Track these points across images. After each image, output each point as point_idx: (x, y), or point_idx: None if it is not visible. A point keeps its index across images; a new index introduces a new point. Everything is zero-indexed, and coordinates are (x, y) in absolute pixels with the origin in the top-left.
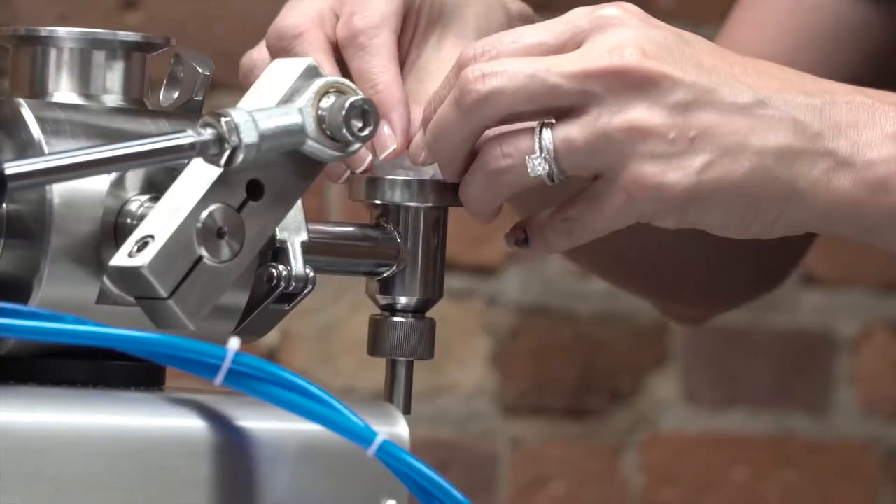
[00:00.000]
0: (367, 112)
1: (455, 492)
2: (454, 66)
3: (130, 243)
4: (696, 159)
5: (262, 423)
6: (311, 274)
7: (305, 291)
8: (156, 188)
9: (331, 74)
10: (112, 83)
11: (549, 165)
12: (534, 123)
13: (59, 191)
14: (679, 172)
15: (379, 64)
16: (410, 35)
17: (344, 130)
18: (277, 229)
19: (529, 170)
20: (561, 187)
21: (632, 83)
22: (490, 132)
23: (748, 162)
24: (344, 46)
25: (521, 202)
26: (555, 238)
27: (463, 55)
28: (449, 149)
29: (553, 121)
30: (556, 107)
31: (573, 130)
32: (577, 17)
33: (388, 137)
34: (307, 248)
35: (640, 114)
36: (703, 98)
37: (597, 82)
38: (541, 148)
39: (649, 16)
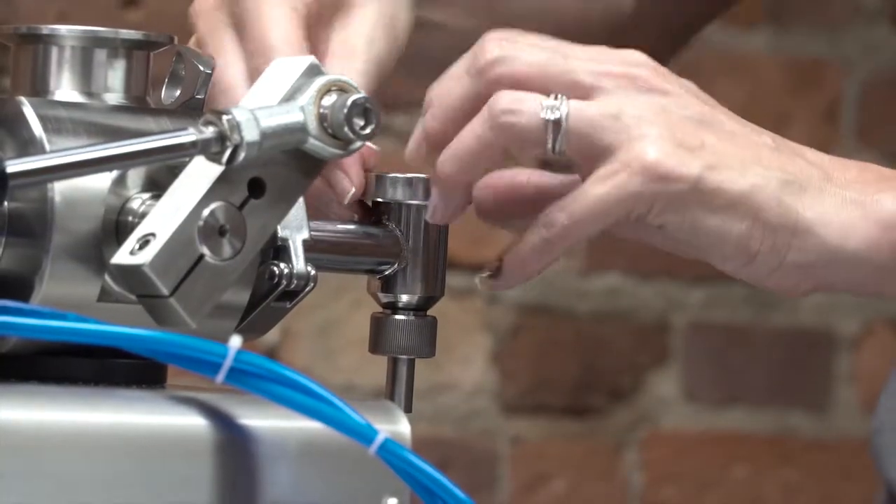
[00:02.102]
0: (369, 110)
1: (456, 490)
2: (469, 52)
3: (132, 241)
4: (701, 158)
5: (264, 420)
6: (313, 272)
7: (307, 289)
8: (157, 186)
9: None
10: (113, 81)
11: (561, 117)
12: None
13: (60, 189)
14: (685, 163)
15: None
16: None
17: (346, 129)
18: (279, 227)
19: (542, 112)
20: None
21: (649, 82)
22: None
23: (753, 178)
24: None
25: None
26: (533, 253)
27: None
28: (447, 105)
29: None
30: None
31: (586, 105)
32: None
33: (346, 182)
34: (309, 245)
35: (648, 109)
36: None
37: (611, 79)
38: (556, 102)
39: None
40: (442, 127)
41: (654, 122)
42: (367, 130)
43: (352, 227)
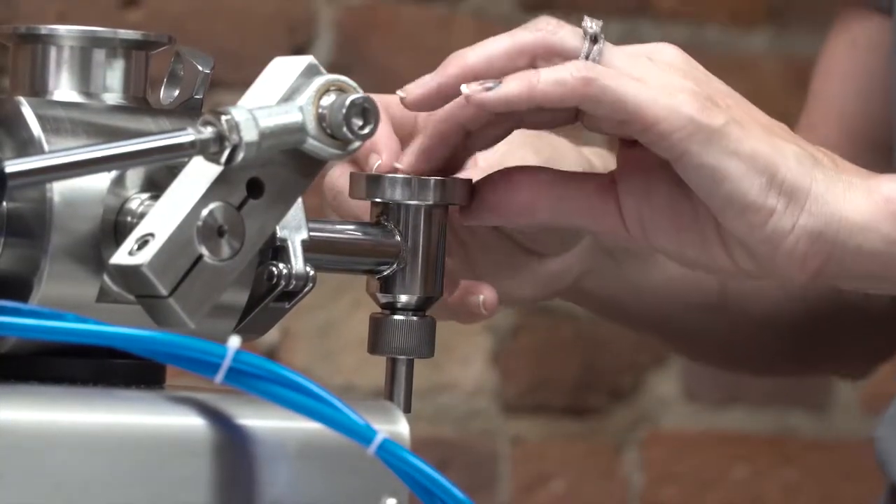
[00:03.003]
0: (368, 110)
1: (456, 490)
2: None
3: (131, 241)
4: (727, 113)
5: (263, 421)
6: (312, 272)
7: (306, 290)
8: (156, 186)
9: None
10: (112, 81)
11: (597, 27)
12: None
13: (59, 189)
14: (713, 115)
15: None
16: None
17: (344, 129)
18: (278, 227)
19: (585, 26)
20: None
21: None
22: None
23: (773, 141)
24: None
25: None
26: (550, 75)
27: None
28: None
29: None
30: None
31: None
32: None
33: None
34: (307, 246)
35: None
36: (738, 117)
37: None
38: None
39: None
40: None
41: (684, 82)
42: (366, 130)
43: (351, 227)
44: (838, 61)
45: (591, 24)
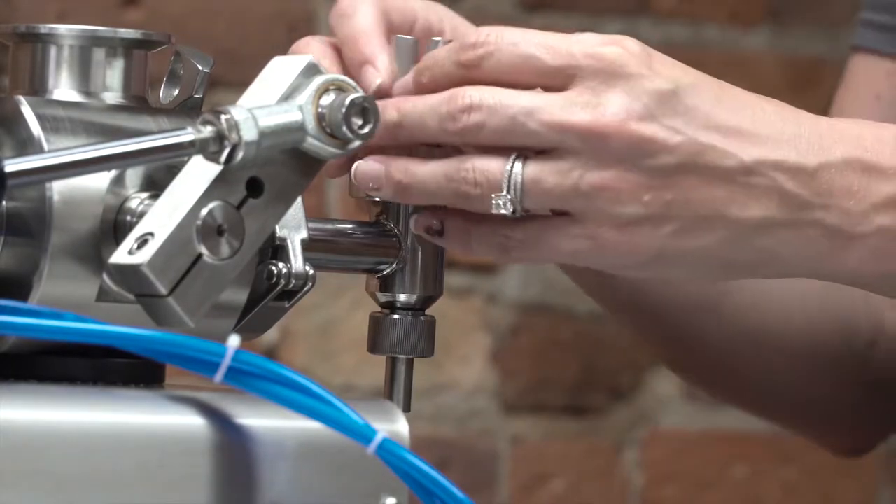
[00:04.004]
0: (368, 110)
1: (455, 490)
2: (454, 44)
3: (130, 241)
4: (667, 225)
5: (262, 420)
6: (311, 271)
7: (305, 289)
8: (156, 185)
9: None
10: (112, 80)
11: (514, 205)
12: (508, 153)
13: (58, 188)
14: (647, 236)
15: (360, 24)
16: None
17: (344, 128)
18: (277, 227)
19: (493, 207)
20: None
21: (609, 145)
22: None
23: (724, 231)
24: (334, 28)
25: None
26: (481, 246)
27: (464, 38)
28: (419, 137)
29: (526, 153)
30: (532, 146)
31: (545, 173)
32: (578, 50)
33: (373, 73)
34: (307, 245)
35: (616, 175)
36: (685, 162)
37: (576, 137)
38: (509, 186)
39: (652, 54)
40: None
41: (616, 195)
42: (366, 130)
43: (350, 226)
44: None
45: (499, 207)
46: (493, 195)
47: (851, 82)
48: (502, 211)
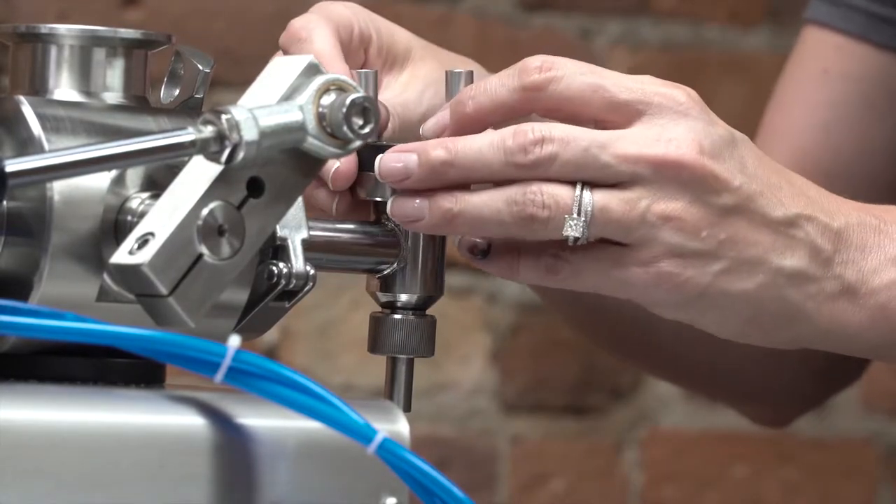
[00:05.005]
0: (368, 110)
1: (455, 489)
2: (509, 71)
3: (131, 241)
4: (717, 263)
5: (263, 420)
6: (312, 271)
7: (306, 289)
8: (156, 185)
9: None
10: (112, 80)
11: (583, 230)
12: (573, 183)
13: (59, 188)
14: (698, 271)
15: (319, 48)
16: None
17: (344, 128)
18: (278, 227)
19: (564, 230)
20: None
21: (681, 176)
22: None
23: (762, 276)
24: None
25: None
26: (528, 270)
27: (527, 64)
28: (474, 175)
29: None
30: (600, 180)
31: (613, 202)
32: (648, 88)
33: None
34: (308, 245)
35: (682, 206)
36: (741, 205)
37: (649, 168)
38: (580, 211)
39: (708, 108)
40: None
41: (679, 227)
42: (366, 130)
43: (351, 226)
44: (804, 91)
45: (570, 228)
46: (566, 216)
47: (801, 55)
48: (570, 233)
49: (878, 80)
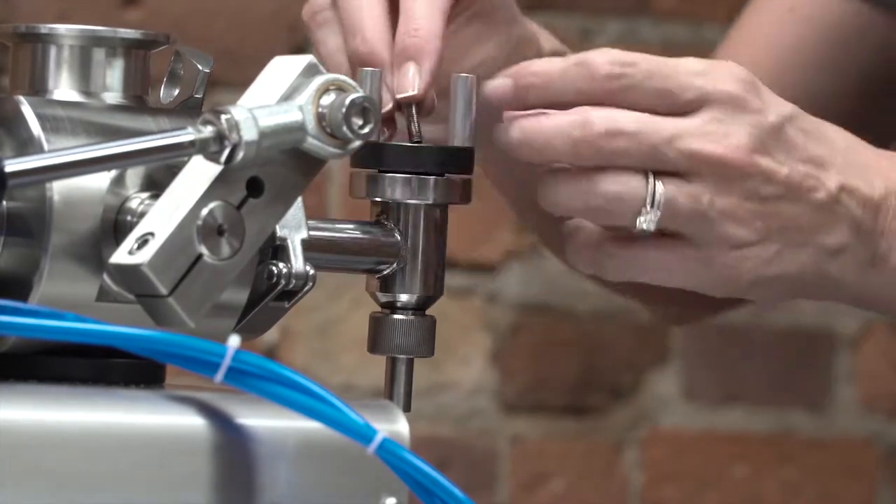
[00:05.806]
0: (368, 110)
1: (455, 489)
2: (582, 62)
3: (130, 241)
4: (769, 248)
5: (262, 420)
6: (312, 271)
7: (305, 289)
8: (156, 186)
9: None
10: (112, 80)
11: (654, 223)
12: (641, 171)
13: (58, 188)
14: (752, 261)
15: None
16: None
17: (344, 128)
18: (277, 227)
19: (638, 222)
20: None
21: (734, 173)
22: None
23: (806, 256)
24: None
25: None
26: (578, 261)
27: (594, 60)
28: (541, 156)
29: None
30: (663, 170)
31: (680, 196)
32: (708, 85)
33: (412, 80)
34: (307, 245)
35: (737, 202)
36: (790, 194)
37: (705, 165)
38: (653, 203)
39: (757, 84)
40: (528, 157)
41: (737, 220)
42: (366, 130)
43: (350, 226)
44: (769, 25)
45: (643, 222)
46: (642, 209)
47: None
48: (643, 226)
49: (837, 28)
